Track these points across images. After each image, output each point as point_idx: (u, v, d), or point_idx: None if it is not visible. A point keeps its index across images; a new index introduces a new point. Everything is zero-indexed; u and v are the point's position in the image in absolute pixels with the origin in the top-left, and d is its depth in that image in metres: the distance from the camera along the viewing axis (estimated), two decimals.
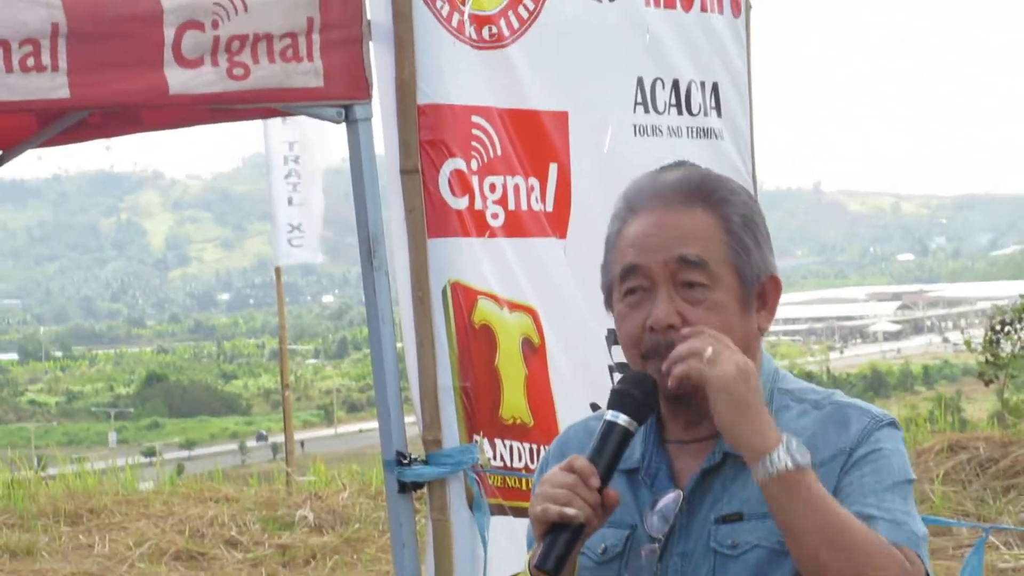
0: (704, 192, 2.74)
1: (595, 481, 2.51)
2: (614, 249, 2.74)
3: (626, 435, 2.60)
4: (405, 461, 4.29)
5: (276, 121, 12.61)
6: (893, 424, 2.64)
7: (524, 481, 4.45)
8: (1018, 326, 15.31)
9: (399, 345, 4.53)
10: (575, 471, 2.50)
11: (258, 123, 14.73)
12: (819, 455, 2.53)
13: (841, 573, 2.47)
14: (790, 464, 2.45)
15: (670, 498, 2.63)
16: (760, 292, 2.73)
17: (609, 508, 2.53)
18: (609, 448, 2.56)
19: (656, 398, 2.64)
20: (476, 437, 4.34)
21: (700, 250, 2.66)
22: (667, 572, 2.61)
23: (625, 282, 2.70)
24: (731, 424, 2.49)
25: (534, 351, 4.50)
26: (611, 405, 2.60)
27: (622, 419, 2.58)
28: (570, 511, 2.44)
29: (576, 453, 2.65)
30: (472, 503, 4.34)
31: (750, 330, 2.72)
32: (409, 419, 4.47)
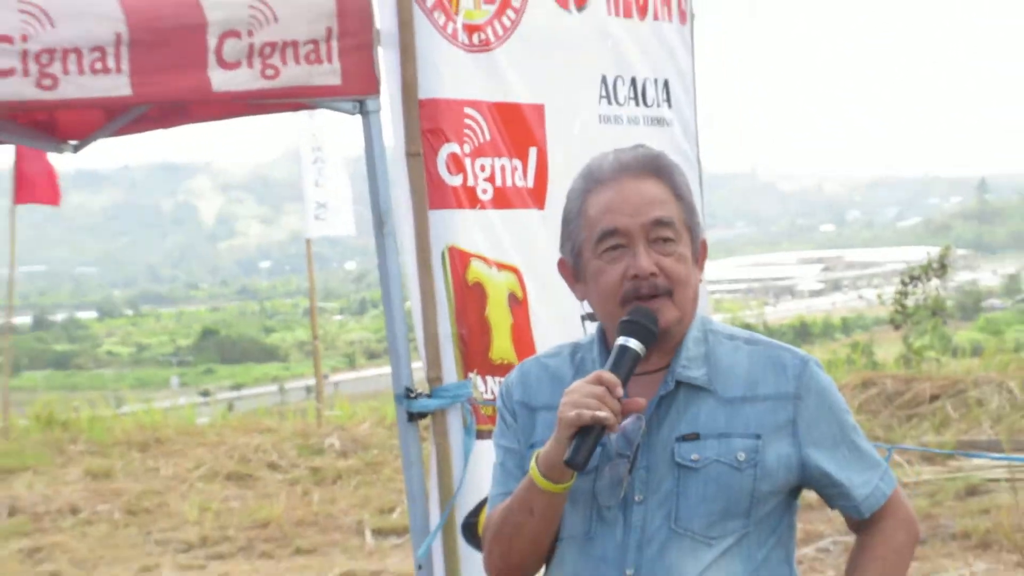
0: (659, 167, 2.83)
1: (620, 391, 2.59)
2: (579, 218, 2.84)
3: (636, 357, 2.66)
4: (412, 395, 4.31)
5: (304, 115, 12.92)
6: (814, 360, 2.77)
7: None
8: (923, 282, 15.69)
9: (407, 301, 4.53)
10: (603, 383, 2.59)
11: (292, 120, 15.37)
12: (761, 390, 2.73)
13: None
14: None
15: (631, 420, 2.66)
16: (698, 250, 2.84)
17: (627, 415, 2.65)
18: (623, 366, 2.64)
19: (656, 330, 2.71)
20: (471, 375, 4.38)
21: (667, 212, 2.77)
22: (635, 483, 2.68)
23: (602, 243, 2.77)
24: None
25: (518, 303, 4.53)
26: (622, 333, 2.67)
27: (633, 343, 2.64)
28: (602, 414, 2.55)
29: (536, 388, 2.93)
30: (467, 426, 4.39)
31: (697, 280, 2.79)
32: (416, 364, 4.49)
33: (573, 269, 2.92)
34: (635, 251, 2.75)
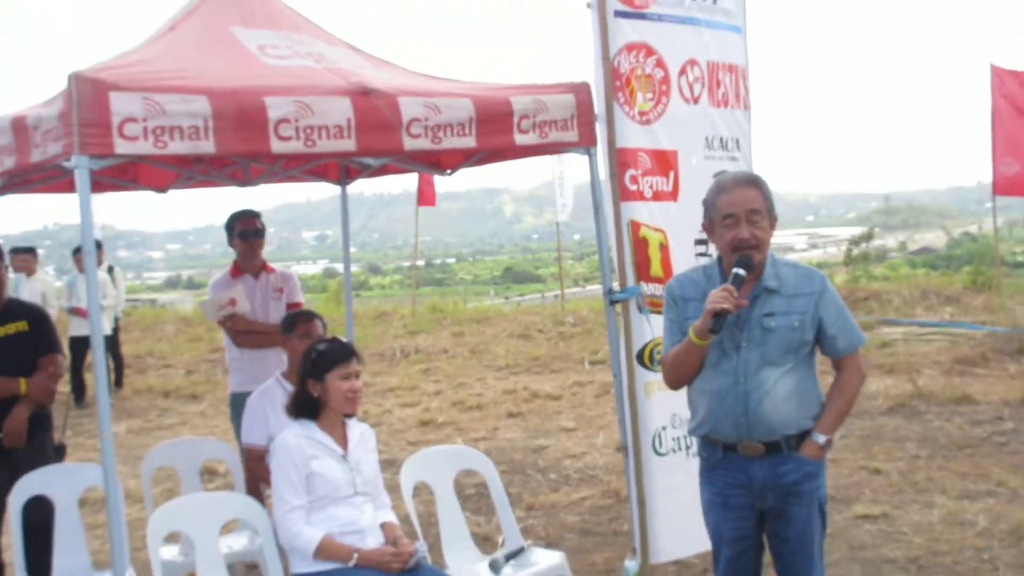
0: (754, 180, 4.12)
1: (735, 294, 3.84)
2: (714, 207, 4.04)
3: (744, 278, 3.91)
4: (614, 291, 5.64)
5: (556, 157, 18.33)
6: (826, 277, 4.06)
7: (659, 301, 5.15)
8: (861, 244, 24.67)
9: (610, 250, 5.65)
10: (727, 290, 3.83)
11: (547, 160, 20.27)
12: (803, 290, 4.00)
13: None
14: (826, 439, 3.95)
15: (743, 310, 3.94)
16: (773, 224, 4.05)
17: (740, 307, 3.90)
18: (738, 282, 3.89)
19: (752, 264, 3.95)
20: (642, 283, 5.62)
21: (757, 204, 3.98)
22: (742, 337, 3.99)
23: (725, 219, 3.98)
24: None
25: (664, 248, 5.70)
26: (737, 265, 3.93)
27: (742, 271, 3.92)
28: (727, 306, 3.80)
29: (687, 289, 4.16)
30: (640, 308, 5.58)
31: (769, 239, 4.01)
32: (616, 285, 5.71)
33: (709, 229, 4.13)
34: (739, 225, 3.95)
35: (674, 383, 4.24)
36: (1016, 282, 19.36)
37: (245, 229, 6.55)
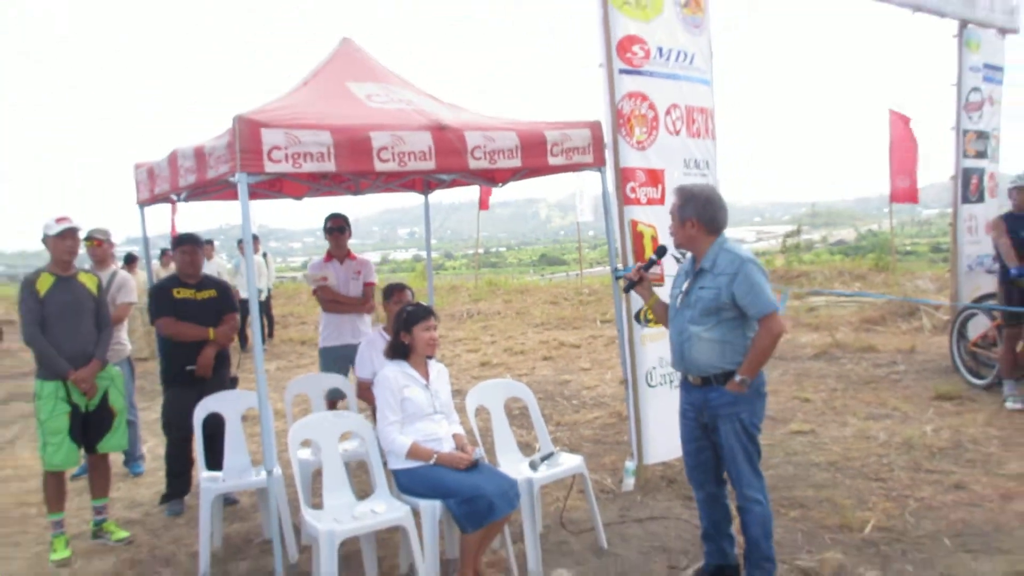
0: (675, 191, 4.14)
1: (639, 270, 4.33)
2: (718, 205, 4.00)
3: (655, 262, 4.32)
4: (619, 270, 5.60)
5: (577, 174, 16.30)
6: (749, 259, 3.82)
7: (654, 277, 4.68)
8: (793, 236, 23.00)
9: (617, 242, 5.56)
10: (637, 268, 4.25)
11: (572, 176, 19.24)
12: (725, 270, 3.83)
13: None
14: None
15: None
16: (688, 223, 4.02)
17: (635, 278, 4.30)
18: (650, 263, 4.27)
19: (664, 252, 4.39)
20: (637, 262, 5.06)
21: (672, 211, 4.11)
22: (686, 298, 4.00)
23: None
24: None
25: (654, 239, 5.64)
26: (657, 251, 4.34)
27: (654, 256, 4.32)
28: (630, 276, 4.27)
29: (682, 268, 4.16)
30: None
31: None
32: (597, 268, 6.00)
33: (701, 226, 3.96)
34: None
35: (662, 324, 4.41)
36: (905, 266, 19.23)
37: (333, 227, 6.65)
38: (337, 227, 6.66)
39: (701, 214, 3.92)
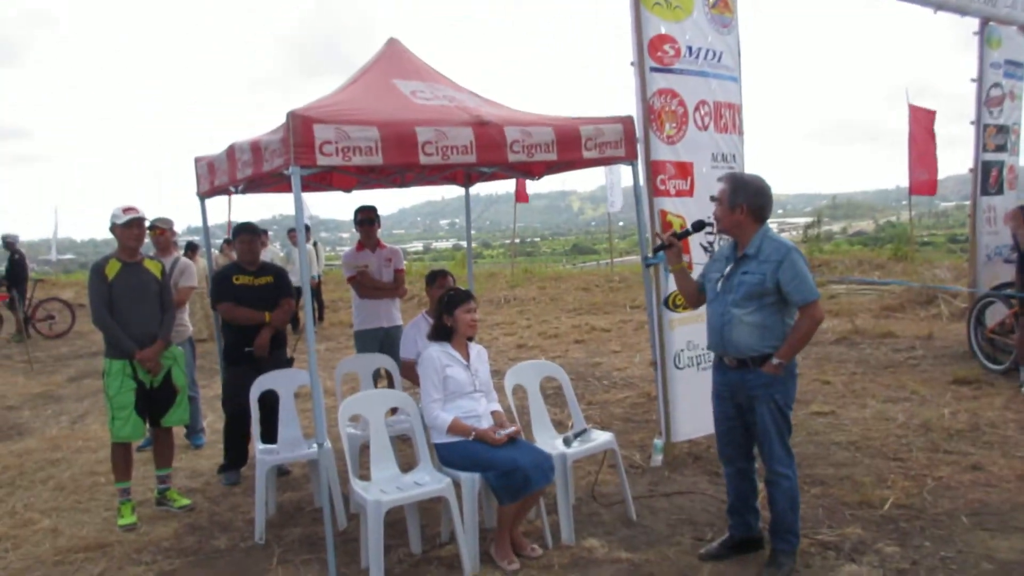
0: (723, 177, 4.10)
1: (673, 235, 4.32)
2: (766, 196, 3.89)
3: (690, 232, 4.27)
4: (649, 258, 5.20)
5: (608, 167, 16.36)
6: (794, 248, 3.78)
7: (685, 264, 4.76)
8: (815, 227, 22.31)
9: (647, 230, 5.51)
10: (671, 232, 4.18)
11: (602, 170, 18.84)
12: (770, 257, 3.77)
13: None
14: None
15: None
16: (735, 208, 3.93)
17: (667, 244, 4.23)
18: (684, 233, 4.25)
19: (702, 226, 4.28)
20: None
21: (717, 195, 4.00)
22: (728, 282, 3.92)
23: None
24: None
25: (683, 227, 5.17)
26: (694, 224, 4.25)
27: (689, 228, 4.25)
28: (661, 239, 4.22)
29: (719, 253, 4.06)
30: (666, 269, 5.30)
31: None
32: (630, 256, 5.97)
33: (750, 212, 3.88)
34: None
35: (686, 303, 4.37)
36: (923, 255, 18.83)
37: (364, 219, 6.71)
38: (368, 219, 6.72)
39: (751, 202, 3.86)
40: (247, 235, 5.93)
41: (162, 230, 6.77)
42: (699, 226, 4.32)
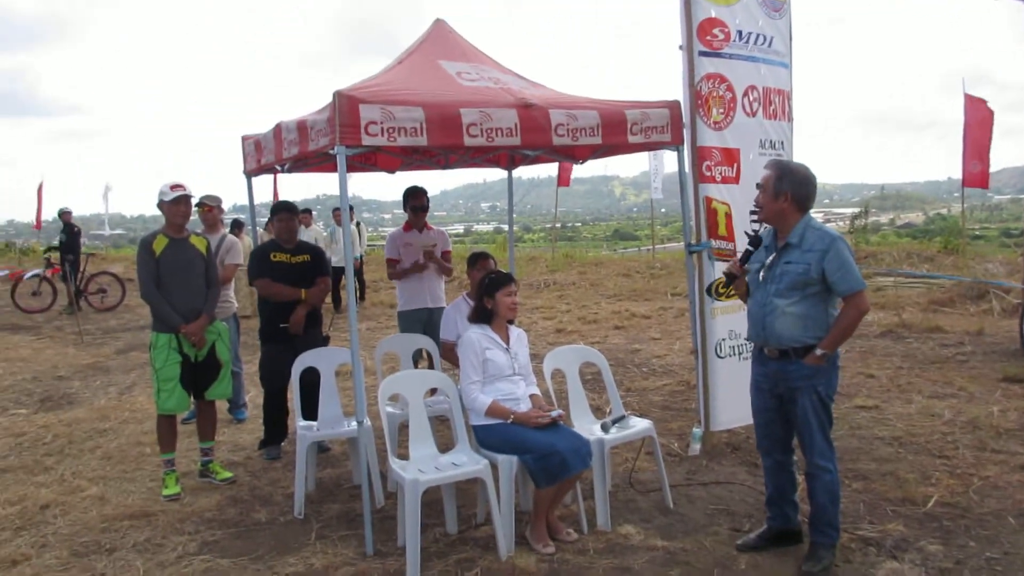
0: (769, 164, 4.00)
1: (739, 265, 3.99)
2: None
3: (752, 253, 3.94)
4: (692, 245, 5.54)
5: (653, 153, 16.78)
6: (839, 237, 3.71)
7: (724, 252, 5.49)
8: (862, 217, 21.51)
9: (691, 218, 5.53)
10: (735, 263, 4.00)
11: (645, 155, 19.16)
12: (814, 246, 3.71)
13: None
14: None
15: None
16: (780, 196, 3.84)
17: (740, 273, 3.99)
18: (746, 256, 3.97)
19: (759, 242, 3.97)
20: (711, 240, 5.53)
21: (762, 181, 3.90)
22: (770, 272, 3.86)
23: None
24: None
25: (728, 216, 5.56)
26: (751, 243, 3.99)
27: (750, 247, 3.95)
28: (732, 271, 4.02)
29: (765, 240, 3.96)
30: (710, 257, 5.52)
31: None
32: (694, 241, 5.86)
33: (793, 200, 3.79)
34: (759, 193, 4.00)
35: (743, 300, 4.20)
36: (975, 249, 18.38)
37: (417, 205, 6.63)
38: (422, 206, 6.66)
39: (796, 190, 3.78)
40: (285, 213, 5.98)
41: (210, 207, 6.86)
42: (756, 242, 4.11)
